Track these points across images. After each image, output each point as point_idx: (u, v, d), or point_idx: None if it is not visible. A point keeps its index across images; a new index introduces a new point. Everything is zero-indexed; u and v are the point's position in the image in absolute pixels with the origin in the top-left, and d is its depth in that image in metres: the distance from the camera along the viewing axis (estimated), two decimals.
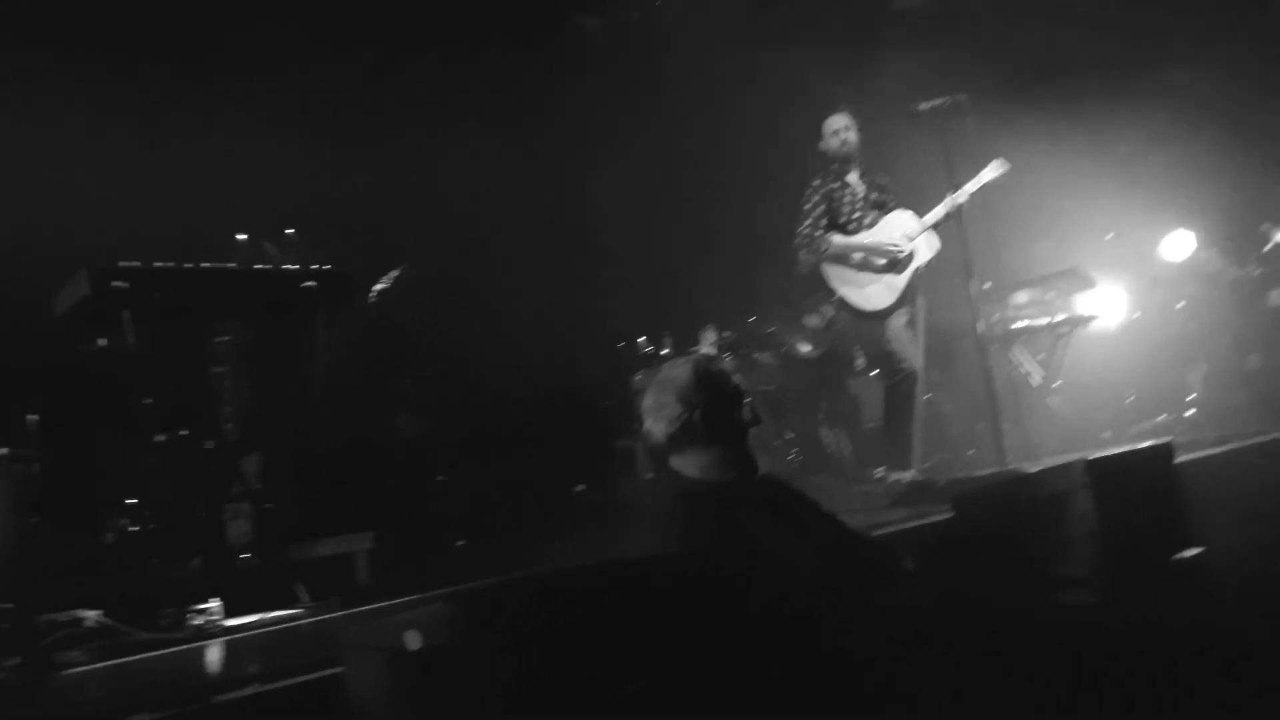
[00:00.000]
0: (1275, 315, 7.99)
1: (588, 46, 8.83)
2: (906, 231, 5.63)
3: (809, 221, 5.71)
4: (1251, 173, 8.55)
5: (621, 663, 2.07)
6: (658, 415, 2.93)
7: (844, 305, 5.67)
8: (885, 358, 5.65)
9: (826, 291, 5.70)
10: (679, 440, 2.91)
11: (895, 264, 5.60)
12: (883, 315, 5.58)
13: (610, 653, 2.06)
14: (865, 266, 5.62)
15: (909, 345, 5.60)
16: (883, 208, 5.77)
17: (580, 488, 7.08)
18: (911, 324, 5.67)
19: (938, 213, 5.57)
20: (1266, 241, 8.18)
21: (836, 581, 2.80)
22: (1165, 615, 3.23)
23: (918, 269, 5.64)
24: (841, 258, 5.64)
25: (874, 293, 5.60)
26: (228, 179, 5.89)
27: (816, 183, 5.79)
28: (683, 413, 2.88)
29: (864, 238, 5.67)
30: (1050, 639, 3.08)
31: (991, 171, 5.57)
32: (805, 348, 6.33)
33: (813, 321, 6.04)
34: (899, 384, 5.56)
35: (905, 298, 5.62)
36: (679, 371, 2.97)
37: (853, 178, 5.81)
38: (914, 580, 2.94)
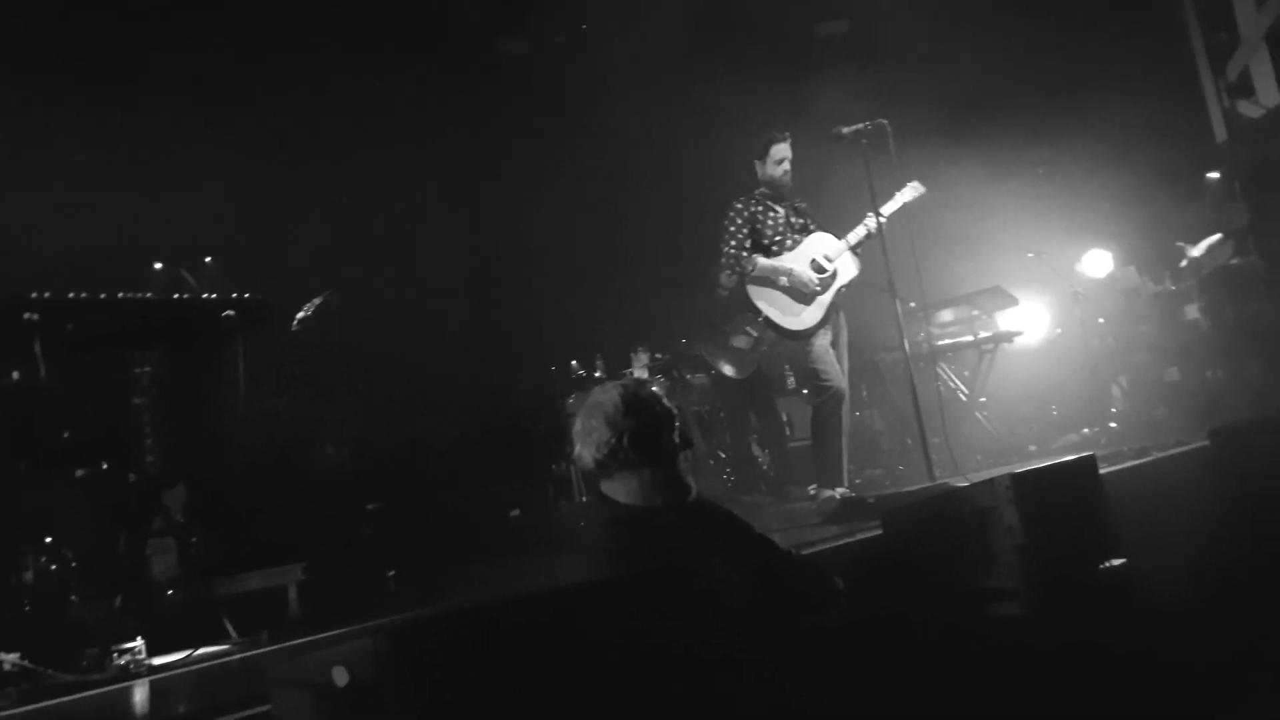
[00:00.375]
0: (1192, 329, 8.23)
1: (513, 70, 8.82)
2: (828, 253, 5.70)
3: (733, 243, 5.76)
4: (1165, 193, 8.82)
5: (556, 692, 2.05)
6: (586, 440, 2.90)
7: (769, 325, 5.71)
8: (810, 376, 5.69)
9: (753, 312, 5.73)
10: (608, 465, 2.89)
11: (819, 284, 5.66)
12: (807, 335, 5.63)
13: (546, 682, 2.04)
14: (789, 287, 5.67)
15: (833, 364, 5.65)
16: (804, 231, 5.84)
17: (514, 513, 7.03)
18: (835, 343, 5.73)
19: (858, 233, 5.67)
20: (1181, 258, 8.44)
21: (768, 604, 2.79)
22: (1091, 624, 3.28)
23: (840, 289, 5.71)
24: (766, 279, 5.69)
25: (798, 312, 5.64)
26: (144, 206, 5.77)
27: (739, 205, 5.84)
28: (611, 437, 2.85)
29: (788, 259, 5.72)
30: (979, 650, 3.12)
31: (907, 194, 5.71)
32: (730, 369, 6.36)
33: (739, 342, 6.06)
34: (825, 403, 5.60)
35: (828, 317, 5.68)
36: (607, 396, 2.95)
37: (777, 202, 5.87)
38: (844, 600, 2.94)
